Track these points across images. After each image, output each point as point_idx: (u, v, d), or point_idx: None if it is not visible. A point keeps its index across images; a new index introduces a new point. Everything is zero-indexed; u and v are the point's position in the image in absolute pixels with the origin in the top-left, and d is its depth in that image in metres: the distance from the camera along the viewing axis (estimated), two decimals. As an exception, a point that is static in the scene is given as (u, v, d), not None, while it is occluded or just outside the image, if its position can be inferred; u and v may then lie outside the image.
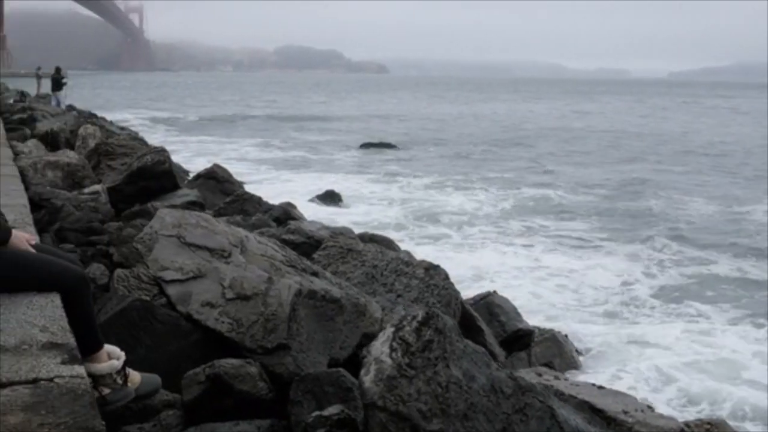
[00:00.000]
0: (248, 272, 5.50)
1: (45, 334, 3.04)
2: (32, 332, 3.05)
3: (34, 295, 3.49)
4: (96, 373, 3.54)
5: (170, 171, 11.51)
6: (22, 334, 3.02)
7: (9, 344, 2.91)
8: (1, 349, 2.85)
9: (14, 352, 2.84)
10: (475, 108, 76.63)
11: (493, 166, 28.20)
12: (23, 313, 3.27)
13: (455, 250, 13.74)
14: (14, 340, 2.95)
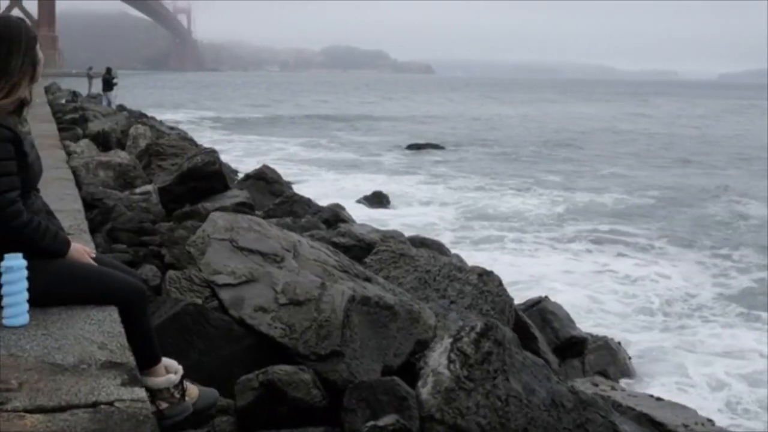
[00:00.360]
0: (301, 277, 5.45)
1: (104, 351, 2.97)
2: (91, 349, 2.98)
3: (92, 308, 3.42)
4: (153, 387, 3.48)
5: (220, 172, 11.50)
6: (80, 351, 2.95)
7: (68, 363, 2.84)
8: (60, 369, 2.78)
9: (73, 371, 2.77)
10: (522, 109, 76.13)
11: (544, 168, 27.90)
12: (81, 328, 3.20)
13: (506, 254, 13.58)
14: (73, 359, 2.87)
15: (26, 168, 3.37)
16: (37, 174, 3.53)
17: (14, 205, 3.22)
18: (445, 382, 3.95)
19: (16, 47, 3.33)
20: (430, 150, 33.42)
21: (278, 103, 79.26)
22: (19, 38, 3.34)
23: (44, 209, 3.60)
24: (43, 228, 3.33)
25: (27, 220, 3.26)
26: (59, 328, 3.18)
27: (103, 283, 3.44)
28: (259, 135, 40.38)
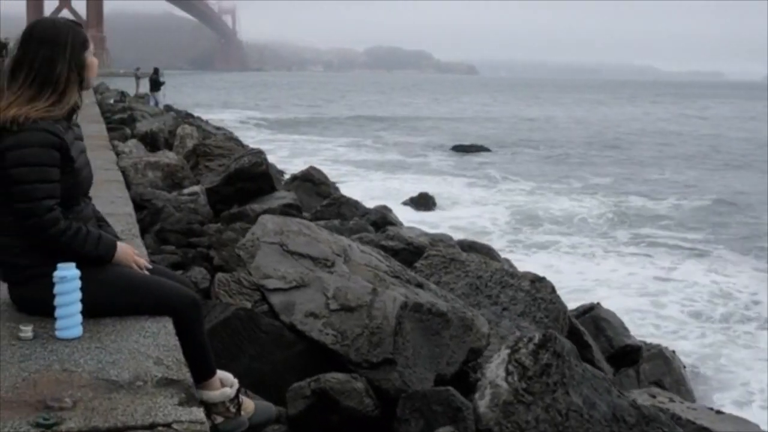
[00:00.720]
0: (352, 283, 5.36)
1: (160, 367, 2.86)
2: (146, 365, 2.88)
3: (146, 319, 3.32)
4: (208, 401, 3.40)
5: (267, 173, 11.49)
6: (135, 367, 2.85)
7: (123, 379, 2.74)
8: (115, 386, 2.69)
9: (128, 389, 2.66)
10: (566, 110, 75.47)
11: (593, 170, 27.52)
12: (135, 341, 3.09)
13: (557, 258, 13.36)
14: (128, 375, 2.78)
15: (73, 174, 3.29)
16: (85, 181, 3.44)
17: (51, 213, 3.14)
18: (503, 395, 3.84)
19: (61, 51, 3.24)
20: (475, 151, 33.20)
21: (323, 104, 79.43)
22: (65, 41, 3.26)
23: (95, 216, 3.54)
24: (83, 234, 3.26)
25: (64, 228, 3.19)
26: (113, 341, 3.09)
27: (155, 293, 3.34)
28: (304, 135, 40.47)
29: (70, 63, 3.24)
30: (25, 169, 3.10)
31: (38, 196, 3.11)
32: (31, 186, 3.11)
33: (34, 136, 3.11)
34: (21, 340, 3.05)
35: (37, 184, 3.11)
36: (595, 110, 76.47)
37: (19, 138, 3.11)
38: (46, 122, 3.15)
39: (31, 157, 3.11)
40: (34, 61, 3.21)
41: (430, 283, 5.92)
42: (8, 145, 3.12)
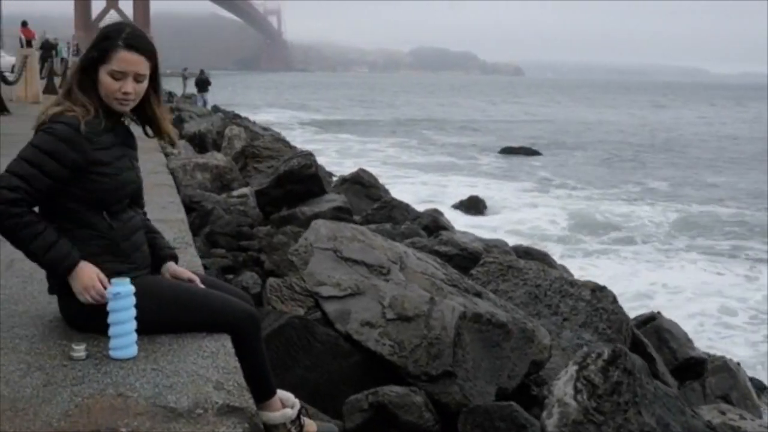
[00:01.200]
0: (409, 291, 5.19)
1: (220, 393, 2.67)
2: (206, 390, 2.68)
3: (204, 337, 3.12)
4: (268, 423, 3.20)
5: (317, 175, 11.40)
6: (195, 392, 2.66)
7: (182, 407, 2.54)
8: (174, 414, 2.49)
9: (188, 417, 2.47)
10: (615, 112, 74.60)
11: (648, 173, 26.94)
12: (194, 362, 2.89)
13: (614, 265, 13.01)
14: (187, 401, 2.58)
15: (107, 177, 3.05)
16: (123, 186, 3.14)
17: (9, 192, 2.87)
18: (572, 414, 3.64)
19: (88, 49, 3.13)
20: (525, 154, 32.84)
21: (368, 104, 79.42)
22: (93, 42, 3.15)
23: (143, 227, 3.32)
24: (33, 231, 2.93)
25: (14, 213, 2.90)
26: (170, 362, 2.89)
27: (212, 309, 3.15)
28: (351, 135, 40.44)
29: (85, 62, 3.11)
30: (28, 147, 2.99)
31: (13, 171, 2.92)
32: (17, 161, 2.95)
33: (59, 128, 2.97)
34: (73, 360, 2.88)
35: (24, 163, 2.93)
36: (644, 112, 75.45)
37: (46, 128, 3.01)
38: (71, 118, 3.00)
39: (40, 141, 2.97)
40: None
41: (488, 292, 5.73)
42: (35, 137, 3.06)
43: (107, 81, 3.06)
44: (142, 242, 3.26)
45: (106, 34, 3.09)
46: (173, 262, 3.39)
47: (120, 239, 3.13)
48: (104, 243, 3.10)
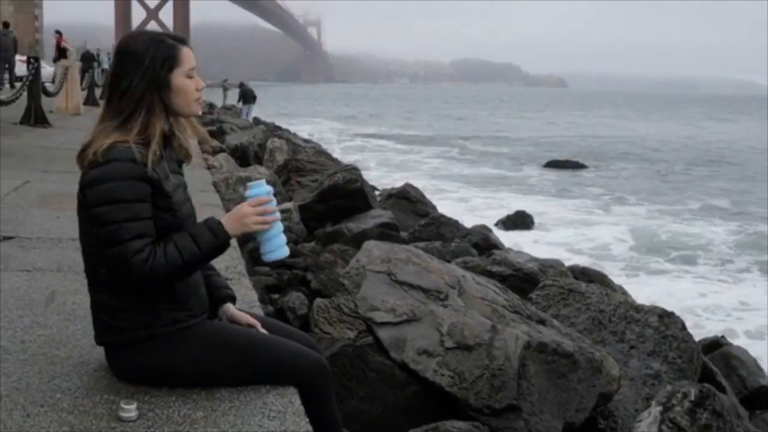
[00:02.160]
0: (468, 318, 4.89)
1: None
2: None
3: (268, 392, 2.77)
4: None
5: (362, 190, 11.17)
6: None
7: None
8: None
9: None
10: (664, 125, 73.51)
11: (705, 189, 26.03)
12: (259, 425, 2.57)
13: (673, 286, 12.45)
14: None
15: (170, 212, 2.72)
16: (185, 219, 2.79)
17: (138, 255, 2.58)
18: (659, 461, 3.32)
19: (134, 67, 2.66)
20: (571, 167, 32.30)
21: (411, 117, 79.18)
22: (142, 55, 2.67)
23: None
24: (162, 253, 2.62)
25: (149, 265, 2.60)
26: (232, 425, 2.57)
27: (276, 359, 2.80)
28: (392, 145, 40.20)
29: (143, 81, 2.65)
30: (108, 208, 2.58)
31: (125, 237, 2.57)
32: (117, 226, 2.58)
33: (117, 167, 2.58)
34: (122, 422, 2.53)
35: (125, 224, 2.58)
36: (694, 125, 74.21)
37: (101, 171, 2.60)
38: (131, 150, 2.61)
39: (116, 191, 2.58)
40: (113, 80, 2.71)
41: (552, 319, 5.41)
42: (89, 180, 2.63)
43: (186, 84, 2.72)
44: (199, 285, 2.89)
45: (155, 39, 2.73)
46: (231, 303, 3.04)
47: (177, 284, 2.76)
48: (160, 289, 2.72)
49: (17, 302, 3.75)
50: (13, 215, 6.18)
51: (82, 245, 2.80)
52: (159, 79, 2.67)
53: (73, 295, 2.79)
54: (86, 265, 2.81)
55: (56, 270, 4.50)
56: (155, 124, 2.68)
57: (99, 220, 2.61)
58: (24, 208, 6.53)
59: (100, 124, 2.71)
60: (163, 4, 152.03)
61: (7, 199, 6.96)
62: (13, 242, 5.21)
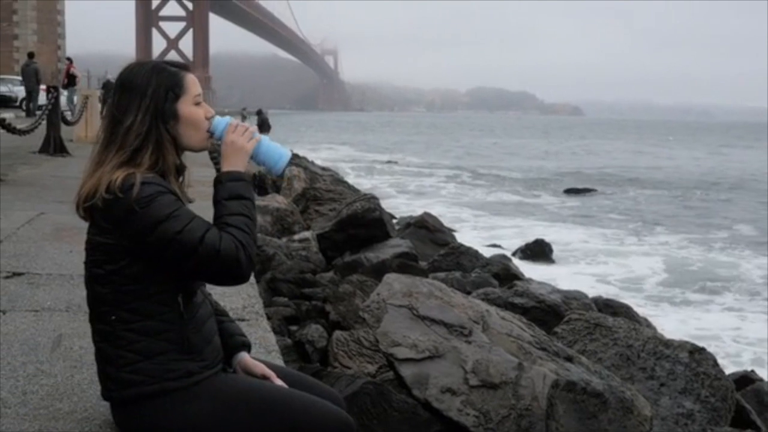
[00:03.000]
0: (493, 355, 4.72)
1: None
2: None
3: None
4: None
5: (381, 219, 11.07)
6: None
7: None
8: None
9: None
10: (681, 152, 73.12)
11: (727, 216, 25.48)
12: None
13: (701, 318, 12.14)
14: None
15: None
16: None
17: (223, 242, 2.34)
18: None
19: (136, 99, 2.45)
20: (590, 194, 32.02)
21: (426, 143, 79.19)
22: (143, 86, 2.46)
23: (213, 312, 2.72)
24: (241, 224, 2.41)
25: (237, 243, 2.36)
26: None
27: (296, 417, 2.49)
28: (408, 174, 40.10)
29: (148, 115, 2.43)
30: (164, 225, 2.33)
31: (198, 235, 2.33)
32: (183, 233, 2.33)
33: (145, 189, 2.34)
34: None
35: (189, 226, 2.34)
36: (711, 153, 73.72)
37: (130, 200, 2.33)
38: (148, 177, 2.39)
39: (160, 207, 2.34)
40: (115, 115, 2.47)
41: (580, 356, 5.22)
42: (123, 212, 2.34)
43: (195, 112, 2.51)
44: (213, 332, 2.64)
45: (156, 68, 2.51)
46: (246, 352, 2.79)
47: (191, 332, 2.51)
48: (172, 338, 2.47)
49: (21, 347, 3.54)
50: (25, 249, 6.03)
51: (91, 290, 2.51)
52: (164, 111, 2.46)
53: (81, 339, 2.60)
54: (93, 312, 2.53)
55: (65, 310, 4.32)
56: (167, 158, 2.46)
57: (160, 243, 2.34)
58: (37, 242, 6.39)
59: (99, 164, 2.45)
60: (183, 33, 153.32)
61: (21, 231, 6.82)
62: (22, 279, 5.05)
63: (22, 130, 13.74)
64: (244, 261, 2.36)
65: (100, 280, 2.46)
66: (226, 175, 2.50)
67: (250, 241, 2.40)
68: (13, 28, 61.52)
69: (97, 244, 2.45)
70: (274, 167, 2.61)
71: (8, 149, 14.68)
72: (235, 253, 2.34)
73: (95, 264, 2.47)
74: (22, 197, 8.87)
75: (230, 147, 2.52)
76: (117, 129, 2.45)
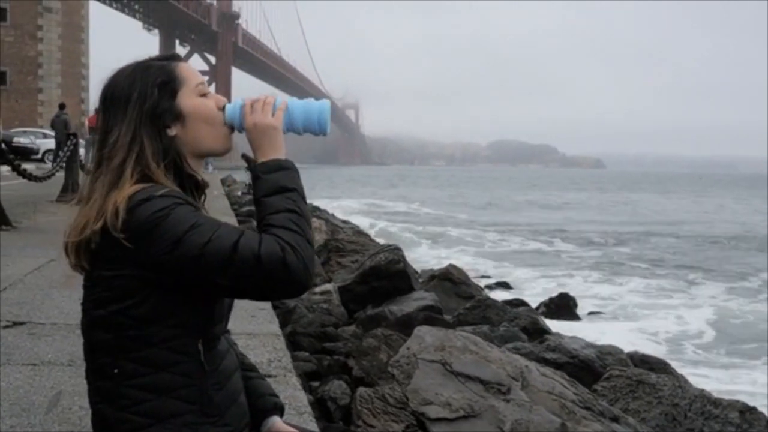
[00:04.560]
0: (534, 415, 4.37)
1: None
2: None
3: None
4: None
5: (405, 271, 10.78)
6: None
7: None
8: None
9: None
10: (705, 204, 72.61)
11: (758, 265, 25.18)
12: None
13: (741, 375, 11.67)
14: None
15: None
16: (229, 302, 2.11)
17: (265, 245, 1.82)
18: None
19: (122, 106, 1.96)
20: (613, 245, 31.52)
21: (449, 197, 79.15)
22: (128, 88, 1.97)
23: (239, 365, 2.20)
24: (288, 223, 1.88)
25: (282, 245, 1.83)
26: None
27: None
28: (431, 222, 39.91)
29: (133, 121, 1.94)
30: (188, 237, 1.83)
31: (233, 240, 1.82)
32: (214, 240, 1.82)
33: (156, 202, 1.86)
34: None
35: (218, 233, 1.83)
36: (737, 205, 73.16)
37: (140, 217, 1.85)
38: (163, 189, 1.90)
39: (179, 220, 1.84)
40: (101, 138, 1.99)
41: (627, 416, 4.86)
42: (138, 231, 1.85)
43: (201, 104, 2.02)
44: (239, 391, 2.12)
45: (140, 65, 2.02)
46: (278, 416, 2.28)
47: (213, 388, 1.98)
48: (190, 395, 1.94)
49: (13, 407, 3.15)
50: (29, 297, 5.72)
51: (89, 338, 2.00)
52: (162, 113, 1.97)
53: (83, 398, 2.16)
54: (90, 365, 2.01)
55: (67, 364, 3.96)
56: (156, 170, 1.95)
57: (185, 262, 1.84)
58: (43, 289, 6.10)
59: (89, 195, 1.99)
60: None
61: (27, 279, 6.54)
62: (22, 329, 4.72)
63: (38, 177, 13.57)
64: (294, 264, 1.83)
65: (101, 323, 1.95)
66: (261, 167, 1.99)
67: (300, 241, 1.88)
68: (37, 82, 62.37)
69: (101, 279, 1.96)
70: (317, 127, 2.09)
71: (25, 197, 14.49)
72: (281, 256, 1.82)
73: (96, 304, 1.96)
74: (34, 243, 8.62)
75: (255, 131, 2.02)
76: (103, 150, 1.98)
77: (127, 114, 1.95)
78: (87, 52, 66.91)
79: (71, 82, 63.92)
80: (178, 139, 1.99)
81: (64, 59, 63.36)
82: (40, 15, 62.25)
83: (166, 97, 1.97)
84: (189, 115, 2.00)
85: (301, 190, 2.00)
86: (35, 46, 62.35)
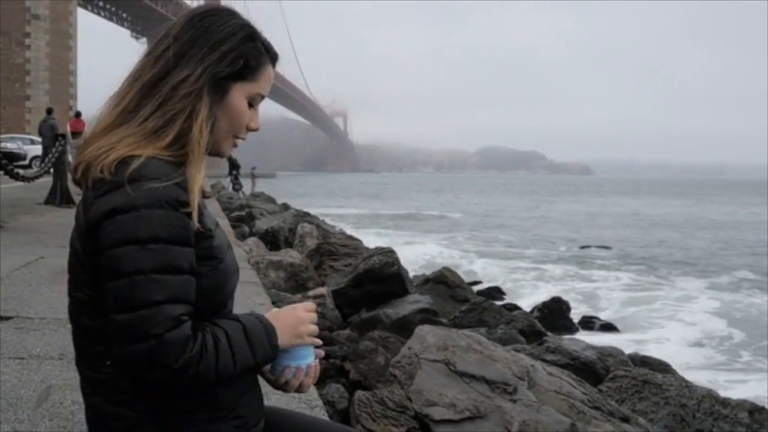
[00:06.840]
0: (543, 415, 4.23)
1: None
2: None
3: None
4: None
5: (399, 274, 10.66)
6: None
7: None
8: None
9: None
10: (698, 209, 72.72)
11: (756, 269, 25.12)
12: None
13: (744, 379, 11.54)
14: None
15: (209, 261, 1.66)
16: (227, 281, 1.74)
17: (176, 331, 1.53)
18: None
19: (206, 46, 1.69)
20: (600, 250, 31.43)
21: (437, 202, 79.08)
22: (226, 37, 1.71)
23: None
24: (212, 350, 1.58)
25: (193, 353, 1.55)
26: None
27: None
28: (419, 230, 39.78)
29: (207, 73, 1.68)
30: (131, 248, 1.53)
31: (154, 298, 1.52)
32: (142, 278, 1.53)
33: (150, 189, 1.55)
34: None
35: (154, 276, 1.53)
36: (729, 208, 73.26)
37: (126, 195, 1.55)
38: (166, 168, 1.61)
39: (145, 224, 1.54)
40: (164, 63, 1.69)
41: (637, 416, 4.72)
42: (107, 208, 1.56)
43: (243, 107, 1.73)
44: (252, 381, 1.83)
45: (248, 27, 1.76)
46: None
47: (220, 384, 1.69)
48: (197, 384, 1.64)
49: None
50: (17, 293, 5.57)
51: (76, 323, 1.72)
52: (218, 81, 1.70)
53: (75, 391, 1.94)
54: (80, 354, 1.74)
55: (57, 357, 3.79)
56: (199, 138, 1.67)
57: (113, 267, 1.56)
58: (32, 285, 5.95)
59: (112, 128, 1.69)
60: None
61: (14, 275, 6.36)
62: (9, 323, 4.57)
63: (27, 177, 13.36)
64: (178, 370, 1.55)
65: (84, 308, 1.69)
66: (271, 330, 1.70)
67: (209, 377, 1.60)
68: (25, 89, 62.07)
69: (75, 253, 1.70)
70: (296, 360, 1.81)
71: (12, 200, 14.26)
72: (181, 361, 1.55)
73: (76, 285, 1.70)
74: (22, 242, 8.42)
75: (294, 318, 1.78)
76: (161, 82, 1.68)
77: (207, 59, 1.69)
78: (75, 59, 66.58)
79: (59, 89, 63.58)
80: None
81: (52, 66, 63.07)
82: (27, 22, 61.99)
83: (232, 76, 1.72)
84: (226, 104, 1.73)
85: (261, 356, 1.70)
86: (23, 53, 62.11)
